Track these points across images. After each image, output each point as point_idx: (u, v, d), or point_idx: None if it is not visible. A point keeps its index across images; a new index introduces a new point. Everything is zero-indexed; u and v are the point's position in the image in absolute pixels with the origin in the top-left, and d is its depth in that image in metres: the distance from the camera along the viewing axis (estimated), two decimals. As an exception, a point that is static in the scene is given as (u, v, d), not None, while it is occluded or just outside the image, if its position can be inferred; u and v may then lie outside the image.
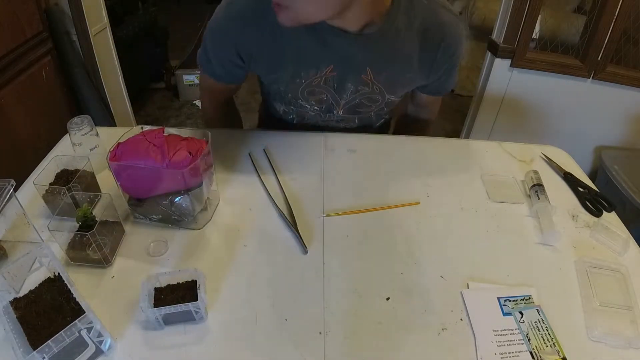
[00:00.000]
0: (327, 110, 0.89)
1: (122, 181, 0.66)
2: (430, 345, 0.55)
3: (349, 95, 0.84)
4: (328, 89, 0.83)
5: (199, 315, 0.55)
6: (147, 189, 0.67)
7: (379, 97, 0.85)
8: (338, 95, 0.84)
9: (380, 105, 0.88)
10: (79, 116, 0.76)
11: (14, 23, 1.42)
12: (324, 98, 0.85)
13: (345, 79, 0.80)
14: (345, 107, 0.88)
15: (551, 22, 1.70)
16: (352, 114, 0.90)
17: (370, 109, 0.89)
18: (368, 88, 0.82)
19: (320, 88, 0.82)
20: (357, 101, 0.86)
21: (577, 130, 1.81)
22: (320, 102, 0.87)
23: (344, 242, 0.69)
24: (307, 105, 0.88)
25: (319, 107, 0.88)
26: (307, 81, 0.81)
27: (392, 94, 0.85)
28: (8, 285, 0.56)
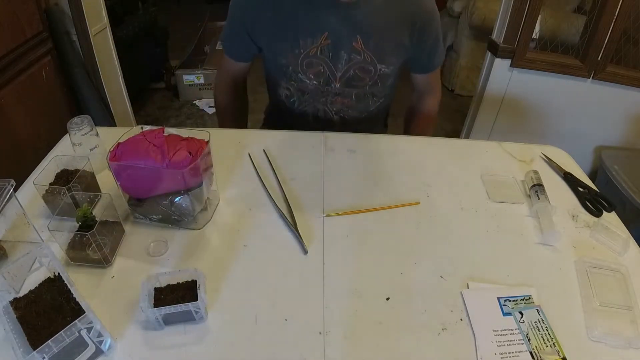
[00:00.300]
0: (325, 83, 0.95)
1: (122, 181, 0.66)
2: (430, 345, 0.55)
3: (344, 66, 0.91)
4: (324, 59, 0.90)
5: (199, 315, 0.55)
6: (147, 189, 0.66)
7: (371, 68, 0.92)
8: (334, 66, 0.91)
9: (373, 78, 0.94)
10: (79, 116, 0.76)
11: (14, 23, 1.42)
12: (322, 70, 0.92)
13: (338, 47, 0.89)
14: (342, 79, 0.94)
15: (551, 22, 1.70)
16: (348, 87, 0.96)
17: (364, 82, 0.95)
18: (360, 57, 0.90)
19: (317, 59, 0.90)
20: (352, 72, 0.92)
21: (577, 130, 1.81)
22: (318, 75, 0.94)
23: (344, 242, 0.69)
24: (307, 80, 0.95)
25: (317, 81, 0.95)
26: (305, 51, 0.89)
27: (382, 63, 0.92)
28: (8, 285, 0.56)
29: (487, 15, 2.60)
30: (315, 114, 1.02)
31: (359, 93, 0.98)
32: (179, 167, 0.61)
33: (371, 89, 0.97)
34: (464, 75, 2.97)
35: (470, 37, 2.82)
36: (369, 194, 0.79)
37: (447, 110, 2.86)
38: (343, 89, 0.96)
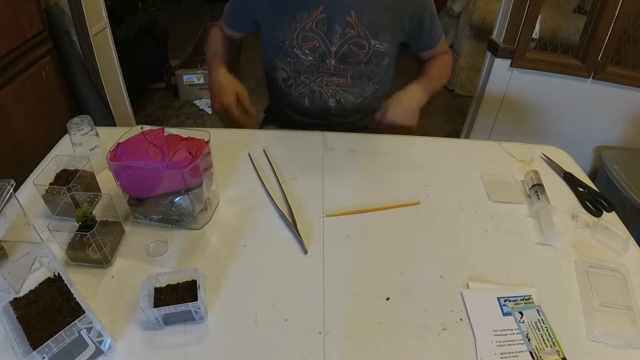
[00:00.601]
0: (321, 59, 0.97)
1: (122, 181, 0.66)
2: (430, 345, 0.55)
3: (338, 40, 0.93)
4: (319, 33, 0.92)
5: (199, 315, 0.55)
6: (147, 188, 0.66)
7: (365, 43, 0.94)
8: (329, 41, 0.93)
9: (367, 54, 0.95)
10: (79, 116, 0.76)
11: (14, 23, 1.42)
12: (317, 44, 0.94)
13: (333, 21, 0.91)
14: (337, 55, 0.95)
15: (551, 22, 1.70)
16: (343, 64, 0.97)
17: (359, 58, 0.96)
18: (354, 31, 0.92)
19: (312, 32, 0.93)
20: (346, 48, 0.94)
21: (577, 130, 1.81)
22: (314, 50, 0.95)
23: (344, 242, 0.69)
24: (302, 56, 0.96)
25: (312, 57, 0.96)
26: (300, 25, 0.92)
27: (375, 39, 0.93)
28: (8, 285, 0.56)
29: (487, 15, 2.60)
30: (311, 97, 1.03)
31: (354, 74, 0.99)
32: (179, 167, 0.61)
33: (366, 67, 0.98)
34: (464, 75, 2.97)
35: (470, 37, 2.82)
36: (369, 194, 0.79)
37: (447, 110, 2.86)
38: (338, 66, 0.97)
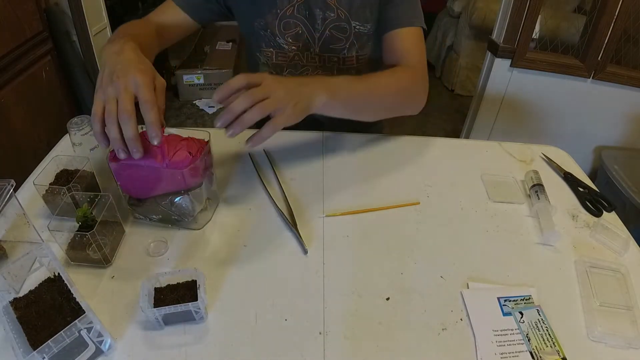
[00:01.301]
0: (304, 48, 0.93)
1: (122, 181, 0.66)
2: (430, 345, 0.55)
3: (321, 26, 0.89)
4: (301, 18, 0.89)
5: (199, 315, 0.55)
6: (147, 189, 0.66)
7: (346, 26, 0.89)
8: (311, 26, 0.90)
9: (349, 38, 0.91)
10: (79, 116, 0.76)
11: (14, 23, 1.42)
12: (299, 31, 0.91)
13: (313, 5, 0.87)
14: (320, 43, 0.92)
15: (551, 22, 1.70)
16: (328, 53, 0.94)
17: (342, 44, 0.92)
18: (334, 14, 0.88)
19: (294, 19, 0.89)
20: (329, 33, 0.91)
21: (577, 130, 1.81)
22: (297, 38, 0.92)
23: (344, 242, 0.69)
24: (286, 45, 0.93)
25: (296, 46, 0.93)
26: (282, 11, 0.88)
27: (356, 20, 0.89)
28: (8, 285, 0.56)
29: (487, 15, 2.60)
30: None
31: (340, 67, 0.96)
32: (179, 167, 0.61)
33: (349, 52, 0.93)
34: (464, 75, 2.97)
35: (470, 37, 2.83)
36: (369, 194, 0.79)
37: (447, 110, 2.86)
38: (323, 56, 0.94)
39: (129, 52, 0.63)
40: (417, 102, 0.87)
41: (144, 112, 0.57)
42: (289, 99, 0.63)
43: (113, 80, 0.58)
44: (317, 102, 0.67)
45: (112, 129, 0.56)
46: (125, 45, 0.64)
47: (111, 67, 0.60)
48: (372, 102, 0.80)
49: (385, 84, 0.80)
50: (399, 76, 0.83)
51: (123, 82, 0.58)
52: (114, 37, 0.72)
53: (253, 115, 0.60)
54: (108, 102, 0.57)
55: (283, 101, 0.62)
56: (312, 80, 0.70)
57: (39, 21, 1.55)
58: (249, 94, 0.60)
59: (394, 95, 0.82)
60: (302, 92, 0.66)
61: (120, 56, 0.62)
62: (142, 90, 0.58)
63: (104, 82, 0.59)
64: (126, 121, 0.56)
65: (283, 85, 0.63)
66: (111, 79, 0.59)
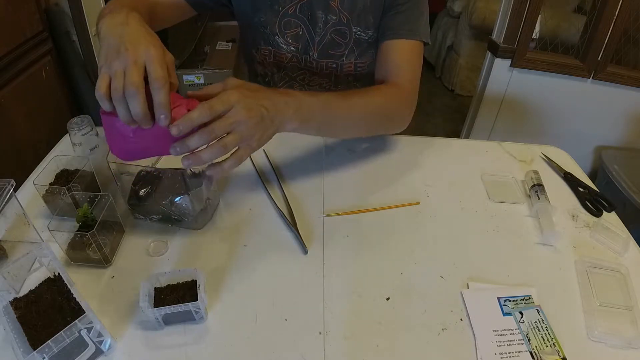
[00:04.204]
0: (303, 50, 0.92)
1: (112, 139, 0.58)
2: (430, 345, 0.55)
3: (322, 29, 0.88)
4: (303, 19, 0.87)
5: (199, 315, 0.55)
6: (140, 149, 0.58)
7: (346, 30, 0.88)
8: (312, 29, 0.88)
9: (349, 44, 0.90)
10: (79, 116, 0.76)
11: (14, 23, 1.42)
12: (300, 33, 0.89)
13: (316, 6, 0.85)
14: (319, 47, 0.91)
15: (551, 22, 1.70)
16: (327, 58, 0.92)
17: (341, 49, 0.91)
18: (336, 17, 0.86)
19: (295, 18, 0.87)
20: (329, 37, 0.89)
21: (577, 130, 1.81)
22: (297, 39, 0.90)
23: (344, 242, 0.69)
24: (284, 45, 0.91)
25: (295, 47, 0.91)
26: (283, 9, 0.86)
27: (357, 25, 0.87)
28: (8, 285, 0.56)
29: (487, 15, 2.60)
30: None
31: (338, 74, 0.95)
32: None
33: (348, 59, 0.91)
34: (464, 75, 2.97)
35: (470, 37, 2.83)
36: (369, 194, 0.79)
37: (447, 110, 2.86)
38: (320, 62, 0.92)
39: (135, 24, 0.56)
40: (398, 124, 0.83)
41: (155, 91, 0.51)
42: (254, 132, 0.57)
43: (120, 52, 0.52)
44: (286, 129, 0.63)
45: (120, 108, 0.51)
46: (130, 16, 0.58)
47: (116, 39, 0.53)
48: (348, 124, 0.75)
49: (364, 104, 0.74)
50: (382, 96, 0.77)
51: (132, 54, 0.51)
52: (112, 7, 0.63)
53: (212, 155, 0.55)
54: (115, 77, 0.51)
55: (247, 136, 0.56)
56: (286, 102, 0.62)
57: (39, 21, 1.55)
58: (209, 132, 0.53)
59: (372, 116, 0.77)
60: (273, 120, 0.59)
61: (127, 27, 0.55)
62: (154, 66, 0.52)
63: (109, 56, 0.52)
64: (134, 96, 0.50)
65: (251, 115, 0.56)
66: (118, 51, 0.52)
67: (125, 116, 0.52)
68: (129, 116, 0.52)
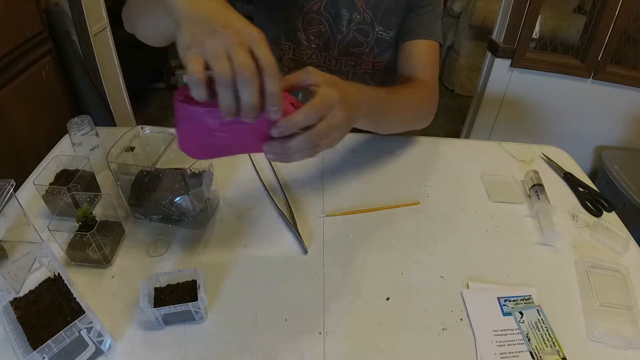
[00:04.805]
0: (324, 48, 0.91)
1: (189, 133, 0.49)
2: (430, 345, 0.55)
3: (345, 27, 0.88)
4: (326, 16, 0.87)
5: (199, 315, 0.55)
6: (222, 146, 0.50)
7: (369, 30, 0.88)
8: (335, 27, 0.88)
9: (370, 43, 0.90)
10: (79, 116, 0.76)
11: (14, 23, 1.42)
12: (323, 30, 0.88)
13: (341, 4, 0.85)
14: (341, 45, 0.90)
15: (551, 22, 1.70)
16: (346, 56, 0.92)
17: (362, 48, 0.91)
18: (359, 16, 0.86)
19: (319, 15, 0.86)
20: (352, 36, 0.89)
21: (577, 130, 1.81)
22: (318, 36, 0.89)
23: (344, 242, 0.69)
24: (305, 42, 0.90)
25: (316, 44, 0.91)
26: (308, 5, 0.85)
27: (380, 25, 0.88)
28: (8, 285, 0.56)
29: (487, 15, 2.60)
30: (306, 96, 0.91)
31: (355, 72, 0.95)
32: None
33: (367, 57, 0.92)
34: (464, 75, 2.97)
35: (470, 37, 2.83)
36: (369, 194, 0.79)
37: (447, 110, 2.86)
38: (340, 59, 0.92)
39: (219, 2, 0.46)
40: (426, 120, 0.87)
41: (267, 78, 0.43)
42: (344, 134, 0.53)
43: (216, 31, 0.43)
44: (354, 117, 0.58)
45: (226, 95, 0.43)
46: None
47: (205, 14, 0.44)
48: (392, 119, 0.78)
49: (405, 100, 0.78)
50: (416, 92, 0.81)
51: (235, 34, 0.43)
52: None
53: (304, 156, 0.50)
54: (217, 59, 0.42)
55: (337, 137, 0.52)
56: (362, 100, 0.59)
57: (39, 21, 1.55)
58: (314, 138, 0.49)
59: (410, 112, 0.81)
60: (354, 119, 0.56)
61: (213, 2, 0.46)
62: (265, 49, 0.44)
63: (200, 35, 0.43)
64: (249, 82, 0.42)
65: (346, 118, 0.52)
66: (212, 29, 0.43)
67: (229, 106, 0.44)
68: (233, 106, 0.44)
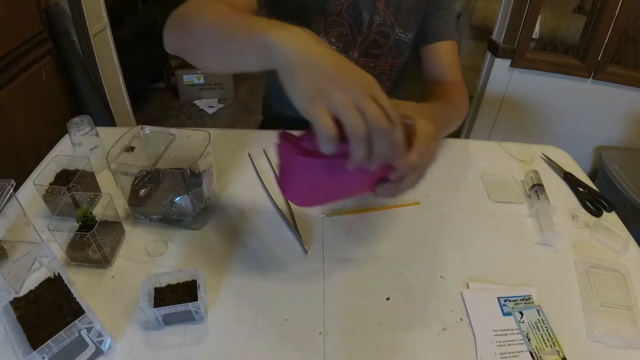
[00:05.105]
0: (344, 49, 0.92)
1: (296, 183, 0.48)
2: (430, 345, 0.55)
3: (366, 29, 0.89)
4: (348, 18, 0.87)
5: (199, 315, 0.55)
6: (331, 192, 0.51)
7: (389, 32, 0.90)
8: (357, 29, 0.89)
9: (390, 45, 0.92)
10: (79, 116, 0.76)
11: (14, 23, 1.42)
12: (344, 32, 0.89)
13: (362, 7, 0.86)
14: (361, 47, 0.92)
15: (551, 22, 1.70)
16: (366, 57, 0.93)
17: (382, 50, 0.92)
18: (380, 18, 0.88)
19: (341, 17, 0.87)
20: (372, 38, 0.90)
21: (577, 130, 1.81)
22: (340, 38, 0.90)
23: (344, 242, 0.69)
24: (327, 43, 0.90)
25: (337, 47, 0.91)
26: (330, 8, 0.86)
27: (400, 27, 0.90)
28: (8, 285, 0.56)
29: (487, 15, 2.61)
30: None
31: (374, 72, 0.96)
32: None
33: (385, 59, 0.94)
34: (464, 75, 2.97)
35: (470, 37, 2.83)
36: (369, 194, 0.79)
37: (447, 110, 2.86)
38: (360, 60, 0.93)
39: (324, 45, 0.46)
40: (462, 120, 0.87)
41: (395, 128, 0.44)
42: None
43: (340, 81, 0.42)
44: None
45: (361, 147, 0.42)
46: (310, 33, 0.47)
47: (322, 65, 0.43)
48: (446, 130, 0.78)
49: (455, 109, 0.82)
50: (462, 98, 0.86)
51: (362, 86, 0.42)
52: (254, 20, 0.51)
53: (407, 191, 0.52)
54: (349, 113, 0.41)
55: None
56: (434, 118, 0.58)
57: (39, 21, 1.55)
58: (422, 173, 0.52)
59: (458, 118, 0.83)
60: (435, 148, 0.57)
61: (325, 48, 0.45)
62: (384, 97, 0.43)
63: (322, 85, 0.42)
64: (386, 135, 0.42)
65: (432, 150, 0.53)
66: (335, 79, 0.42)
67: (361, 158, 0.43)
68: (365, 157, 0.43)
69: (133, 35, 2.38)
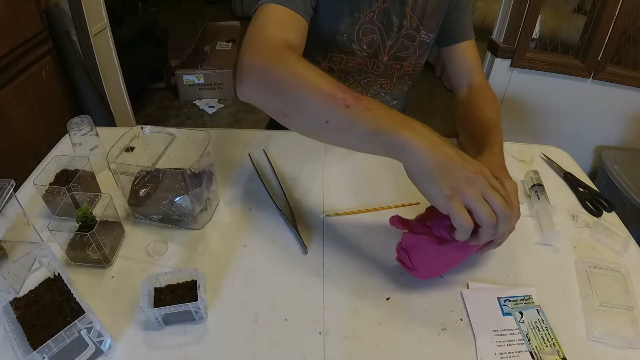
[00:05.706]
0: (373, 55, 0.93)
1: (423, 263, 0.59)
2: (430, 345, 0.55)
3: (395, 34, 0.90)
4: (378, 25, 0.89)
5: (199, 315, 0.55)
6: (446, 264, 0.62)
7: (415, 34, 0.92)
8: (386, 34, 0.90)
9: (415, 47, 0.94)
10: (79, 116, 0.76)
11: (14, 23, 1.42)
12: (375, 38, 0.90)
13: (392, 12, 0.87)
14: (390, 52, 0.93)
15: (551, 22, 1.70)
16: (393, 60, 0.95)
17: (408, 53, 0.94)
18: (407, 22, 0.89)
19: (372, 25, 0.88)
20: (400, 42, 0.92)
21: (577, 130, 1.81)
22: (370, 45, 0.91)
23: (344, 242, 0.69)
24: (359, 52, 0.92)
25: (367, 53, 0.92)
26: (363, 16, 0.87)
27: (424, 29, 0.92)
28: (8, 285, 0.56)
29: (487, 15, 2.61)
30: None
31: (400, 74, 0.98)
32: None
33: (410, 60, 0.96)
34: (464, 75, 2.96)
35: (470, 37, 2.82)
36: (369, 194, 0.79)
37: (447, 110, 2.86)
38: (388, 64, 0.95)
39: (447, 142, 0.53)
40: None
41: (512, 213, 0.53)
42: None
43: (471, 178, 0.50)
44: None
45: (489, 232, 0.52)
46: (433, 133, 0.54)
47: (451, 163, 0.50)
48: None
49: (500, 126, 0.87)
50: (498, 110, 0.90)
51: (484, 180, 0.51)
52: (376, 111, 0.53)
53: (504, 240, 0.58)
54: (481, 206, 0.50)
55: None
56: None
57: (39, 21, 1.55)
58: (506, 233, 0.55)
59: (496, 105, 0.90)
60: None
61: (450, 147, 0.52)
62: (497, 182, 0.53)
63: (457, 184, 0.50)
64: (510, 220, 0.52)
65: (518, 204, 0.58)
66: (467, 178, 0.50)
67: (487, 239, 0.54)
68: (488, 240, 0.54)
69: (133, 35, 2.38)
